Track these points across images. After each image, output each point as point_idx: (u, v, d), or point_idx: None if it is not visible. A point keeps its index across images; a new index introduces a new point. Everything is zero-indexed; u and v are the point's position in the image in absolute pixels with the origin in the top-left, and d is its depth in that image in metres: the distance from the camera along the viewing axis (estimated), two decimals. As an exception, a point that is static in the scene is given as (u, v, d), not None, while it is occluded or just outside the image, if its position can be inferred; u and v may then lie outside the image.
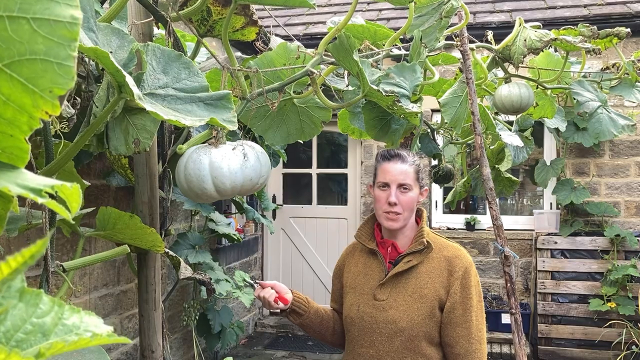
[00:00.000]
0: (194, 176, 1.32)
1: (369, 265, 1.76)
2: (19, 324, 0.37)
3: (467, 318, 1.61)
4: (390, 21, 5.32)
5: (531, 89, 2.48)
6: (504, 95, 2.42)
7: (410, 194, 1.71)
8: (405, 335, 1.60)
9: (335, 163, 6.33)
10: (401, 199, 1.69)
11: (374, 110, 1.81)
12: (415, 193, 1.72)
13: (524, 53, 2.20)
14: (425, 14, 2.01)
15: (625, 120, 2.85)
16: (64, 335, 0.37)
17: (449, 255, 1.68)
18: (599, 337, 4.73)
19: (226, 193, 1.35)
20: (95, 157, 2.20)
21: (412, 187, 1.71)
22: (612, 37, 2.60)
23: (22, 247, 1.43)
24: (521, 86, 2.43)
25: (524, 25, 2.30)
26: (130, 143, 1.24)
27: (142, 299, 1.64)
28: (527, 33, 2.24)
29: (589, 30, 2.45)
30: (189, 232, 3.77)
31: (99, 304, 3.07)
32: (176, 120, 0.89)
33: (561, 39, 2.31)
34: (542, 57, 2.68)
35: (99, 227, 1.37)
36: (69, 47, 0.40)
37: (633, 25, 4.89)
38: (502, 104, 2.44)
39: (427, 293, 1.62)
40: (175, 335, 4.00)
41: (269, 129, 1.85)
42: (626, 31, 2.59)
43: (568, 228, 4.95)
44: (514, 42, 2.27)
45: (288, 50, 1.72)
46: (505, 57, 2.34)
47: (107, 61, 0.73)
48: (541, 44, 2.18)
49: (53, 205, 0.40)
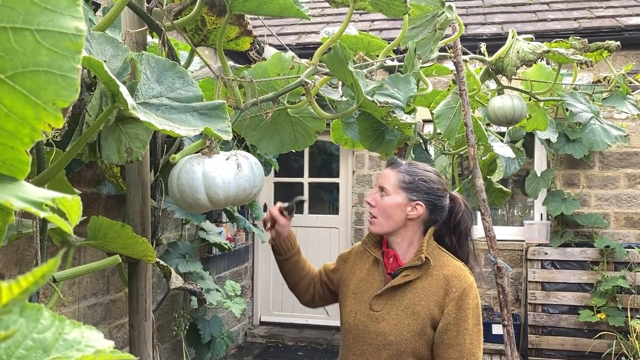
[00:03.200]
0: (187, 186, 1.31)
1: (372, 274, 1.73)
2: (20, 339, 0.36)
3: (460, 341, 1.56)
4: (382, 32, 5.34)
5: (524, 100, 2.50)
6: (497, 107, 2.44)
7: (387, 200, 1.65)
8: (393, 349, 1.58)
9: (327, 172, 6.33)
10: (378, 201, 1.66)
11: (368, 120, 1.81)
12: (395, 201, 1.64)
13: (517, 65, 2.22)
14: (419, 26, 2.03)
15: (618, 131, 2.89)
16: (65, 351, 0.36)
17: (448, 274, 1.63)
18: (589, 349, 4.74)
19: (219, 203, 1.34)
20: (86, 165, 2.18)
21: (389, 193, 1.64)
22: (602, 50, 2.64)
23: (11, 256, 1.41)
24: (514, 98, 2.45)
25: (516, 37, 2.32)
26: (123, 152, 1.23)
27: (132, 309, 1.62)
28: (520, 45, 2.26)
29: (580, 43, 2.49)
30: (179, 241, 3.74)
31: (88, 313, 3.03)
32: (170, 130, 0.88)
33: (553, 51, 2.34)
34: (534, 69, 2.71)
35: (90, 237, 1.36)
36: (73, 59, 0.39)
37: (622, 39, 4.93)
38: (495, 115, 2.46)
39: (420, 310, 1.59)
40: (165, 345, 3.96)
41: (262, 138, 1.85)
42: (616, 44, 2.62)
43: (558, 239, 4.98)
44: (506, 54, 2.29)
45: (282, 61, 1.72)
46: (498, 69, 2.36)
47: (100, 70, 0.73)
48: (534, 56, 2.20)
49: (55, 220, 0.39)
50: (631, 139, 4.94)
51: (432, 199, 1.65)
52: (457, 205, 1.71)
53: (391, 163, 1.72)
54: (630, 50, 4.99)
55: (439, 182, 1.68)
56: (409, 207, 1.64)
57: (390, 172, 1.68)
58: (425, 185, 1.65)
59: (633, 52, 4.98)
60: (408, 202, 1.64)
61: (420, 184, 1.64)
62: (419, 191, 1.64)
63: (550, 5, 5.95)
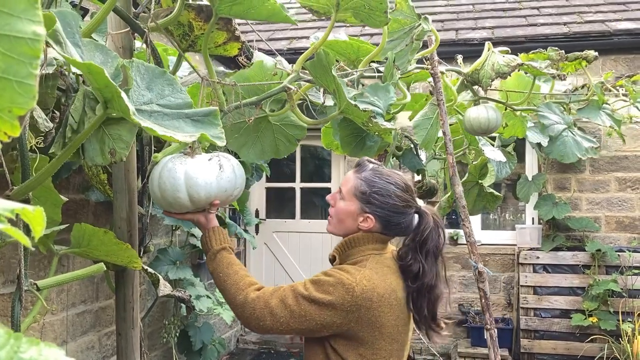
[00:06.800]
0: (169, 185, 1.32)
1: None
2: (-32, 360, 0.35)
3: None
4: (373, 37, 5.35)
5: (499, 111, 2.53)
6: (472, 118, 2.48)
7: (341, 204, 1.56)
8: None
9: (319, 177, 6.32)
10: (336, 202, 1.59)
11: (349, 127, 1.83)
12: (348, 207, 1.54)
13: (492, 77, 2.27)
14: (397, 38, 2.07)
15: (589, 143, 2.94)
16: (20, 371, 0.35)
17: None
18: (581, 352, 4.74)
19: (200, 203, 1.36)
20: (74, 171, 2.16)
21: (344, 197, 1.56)
22: (580, 59, 2.68)
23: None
24: (489, 109, 2.48)
25: (492, 50, 2.37)
26: (107, 153, 1.21)
27: (119, 317, 1.60)
28: (495, 58, 2.31)
29: (557, 55, 2.53)
30: (169, 248, 3.71)
31: (77, 321, 3.00)
32: (171, 136, 0.88)
33: (528, 64, 2.39)
34: (513, 78, 2.75)
35: (74, 244, 1.34)
36: (30, 64, 0.37)
37: (611, 43, 4.98)
38: (471, 125, 2.50)
39: None
40: (156, 352, 3.92)
41: (243, 145, 1.86)
42: (594, 54, 2.68)
43: (550, 243, 4.99)
44: (482, 66, 2.33)
45: (264, 68, 1.73)
46: (474, 81, 2.40)
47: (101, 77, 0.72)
48: (508, 69, 2.25)
49: (12, 232, 0.37)
50: (622, 144, 4.96)
51: (386, 214, 1.52)
52: (424, 223, 1.55)
53: (357, 165, 1.62)
54: (619, 55, 5.02)
55: (398, 197, 1.53)
56: (361, 217, 1.54)
57: (351, 175, 1.59)
58: (379, 200, 1.52)
59: (622, 56, 5.01)
60: (360, 212, 1.54)
61: (375, 197, 1.52)
62: (372, 204, 1.52)
63: (541, 10, 5.98)
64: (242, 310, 1.47)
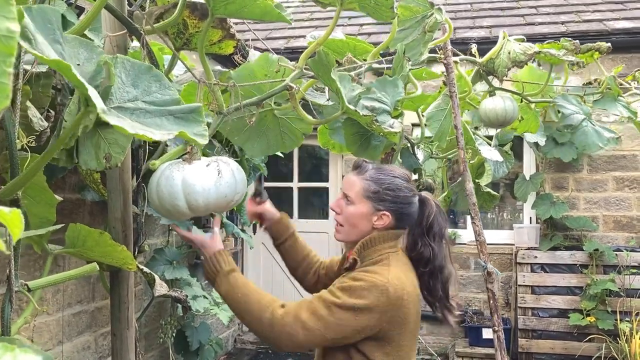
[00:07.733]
0: (167, 193, 1.29)
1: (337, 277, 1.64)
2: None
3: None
4: (371, 36, 5.34)
5: (515, 102, 2.48)
6: (488, 109, 2.41)
7: (352, 209, 1.56)
8: None
9: (317, 177, 6.30)
10: (343, 209, 1.59)
11: (354, 126, 1.79)
12: (360, 210, 1.55)
13: (508, 66, 2.20)
14: (408, 28, 2.01)
15: (610, 134, 2.86)
16: (-5, 379, 0.33)
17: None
18: (579, 352, 4.73)
19: (199, 210, 1.32)
20: (70, 170, 2.14)
21: (354, 202, 1.56)
22: (593, 51, 2.63)
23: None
24: (505, 99, 2.42)
25: (507, 38, 2.30)
26: (101, 158, 1.20)
27: (114, 317, 1.59)
28: (512, 46, 2.24)
29: (571, 45, 2.47)
30: (166, 247, 3.69)
31: (73, 321, 2.99)
32: (143, 134, 0.86)
33: (545, 52, 2.32)
34: (526, 71, 2.69)
35: (68, 245, 1.32)
36: (3, 62, 0.36)
37: (609, 42, 4.96)
38: (487, 117, 2.43)
39: None
40: (152, 352, 3.91)
41: (248, 140, 1.81)
42: (607, 45, 2.62)
43: (548, 242, 4.98)
44: (498, 55, 2.27)
45: (269, 62, 1.70)
46: (489, 71, 2.33)
47: (69, 73, 0.70)
48: (525, 57, 2.18)
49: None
50: (619, 142, 4.96)
51: (399, 207, 1.55)
52: (428, 208, 1.60)
53: (356, 167, 1.62)
54: (617, 54, 5.01)
55: (406, 187, 1.57)
56: (375, 217, 1.55)
57: (355, 178, 1.59)
58: (391, 194, 1.54)
59: (620, 55, 5.00)
60: (374, 211, 1.55)
61: (387, 194, 1.54)
62: (385, 201, 1.54)
63: (538, 9, 5.98)
64: (270, 328, 1.44)
